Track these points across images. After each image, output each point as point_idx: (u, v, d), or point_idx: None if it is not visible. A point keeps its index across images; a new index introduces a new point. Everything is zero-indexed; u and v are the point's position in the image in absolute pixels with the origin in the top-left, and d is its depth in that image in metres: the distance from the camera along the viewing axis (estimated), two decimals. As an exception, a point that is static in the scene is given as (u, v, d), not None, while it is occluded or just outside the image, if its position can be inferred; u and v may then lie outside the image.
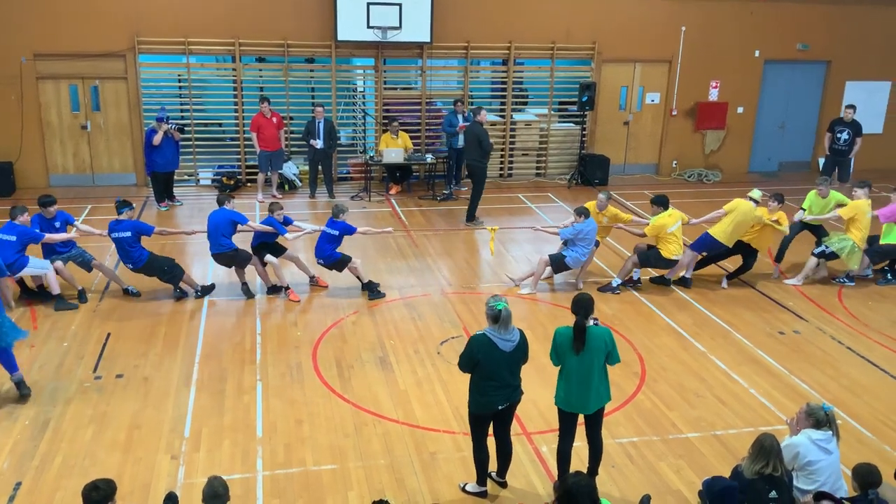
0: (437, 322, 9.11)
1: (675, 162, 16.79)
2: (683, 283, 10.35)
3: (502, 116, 16.03)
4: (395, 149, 14.13)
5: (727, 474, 5.72)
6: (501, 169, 16.16)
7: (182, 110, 14.85)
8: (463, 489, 6.01)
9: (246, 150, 14.92)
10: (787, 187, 15.53)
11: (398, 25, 14.29)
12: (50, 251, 9.45)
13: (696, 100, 16.47)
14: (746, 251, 10.34)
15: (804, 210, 10.86)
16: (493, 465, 6.04)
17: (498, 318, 5.56)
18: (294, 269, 10.10)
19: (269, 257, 9.68)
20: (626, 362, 8.10)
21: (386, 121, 15.00)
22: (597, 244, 10.25)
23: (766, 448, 5.16)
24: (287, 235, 9.63)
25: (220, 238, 9.48)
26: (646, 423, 7.05)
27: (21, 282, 9.43)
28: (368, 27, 14.25)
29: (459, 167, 15.06)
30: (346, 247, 10.09)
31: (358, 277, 9.84)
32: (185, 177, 14.89)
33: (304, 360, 8.11)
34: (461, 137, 14.48)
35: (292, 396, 7.36)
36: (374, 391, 7.50)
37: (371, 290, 9.78)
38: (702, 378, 7.92)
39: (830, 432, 5.65)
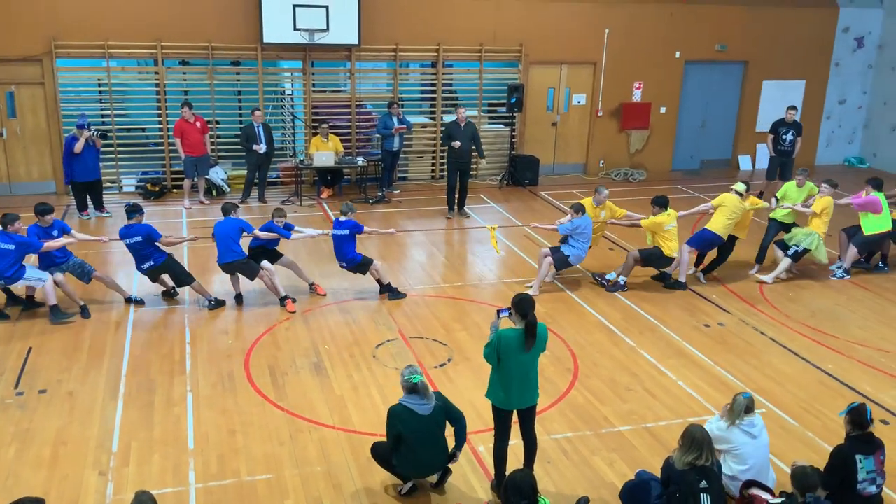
0: (372, 326, 9.08)
1: (602, 161, 17.12)
2: (679, 286, 10.43)
3: (432, 118, 16.07)
4: (325, 152, 14.02)
5: (658, 465, 5.86)
6: (433, 171, 16.21)
7: (103, 115, 14.41)
8: (400, 493, 6.00)
9: (171, 155, 14.58)
10: (709, 184, 16.08)
11: (325, 28, 14.19)
12: (48, 261, 9.10)
13: (621, 100, 16.83)
14: (726, 243, 10.66)
15: (777, 199, 11.25)
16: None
17: (415, 389, 5.69)
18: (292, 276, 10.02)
19: (265, 264, 9.53)
20: (559, 359, 8.24)
21: (315, 124, 14.87)
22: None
23: (697, 440, 5.30)
24: (290, 237, 9.65)
25: (233, 245, 9.28)
26: (579, 419, 7.18)
27: (7, 290, 9.14)
28: (295, 29, 14.09)
29: (393, 169, 15.05)
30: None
31: (378, 280, 9.83)
32: (108, 184, 14.44)
33: (236, 368, 7.97)
34: (396, 140, 14.50)
35: (224, 406, 7.23)
36: (310, 397, 7.42)
37: (391, 292, 9.79)
38: (632, 372, 8.10)
39: (754, 417, 5.85)
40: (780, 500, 5.35)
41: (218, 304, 9.44)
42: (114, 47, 13.82)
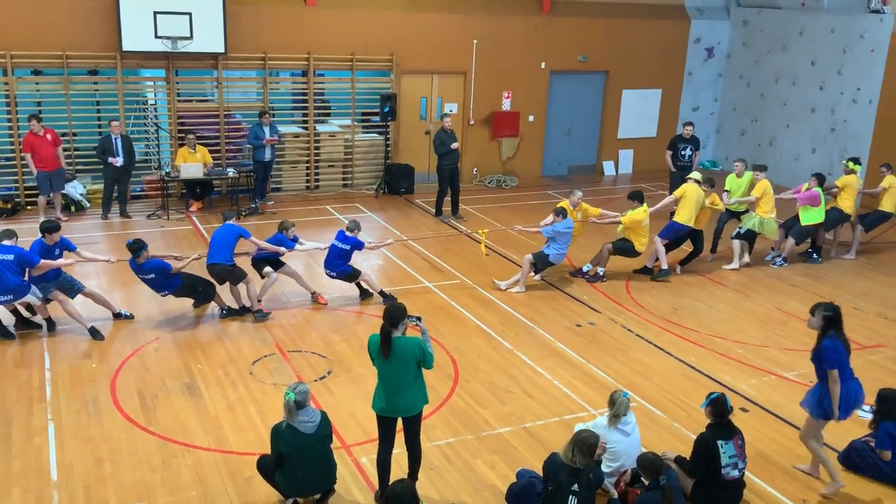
0: (248, 342, 8.84)
1: (475, 169, 17.41)
2: (664, 273, 11.26)
3: (305, 128, 15.87)
4: (193, 163, 13.56)
5: (539, 463, 6.00)
6: (308, 181, 15.99)
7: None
8: (282, 511, 5.89)
9: (23, 170, 13.68)
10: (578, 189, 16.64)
11: (189, 35, 13.73)
12: (39, 278, 8.66)
13: (492, 109, 17.19)
14: (693, 235, 11.45)
15: (728, 192, 12.11)
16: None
17: (287, 407, 5.65)
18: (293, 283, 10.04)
19: (267, 269, 9.66)
20: (439, 365, 8.28)
21: (181, 134, 14.36)
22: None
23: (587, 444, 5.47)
24: (294, 248, 9.68)
25: (224, 249, 9.24)
26: (461, 423, 7.26)
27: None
28: (156, 37, 13.57)
29: (266, 181, 14.73)
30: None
31: (370, 288, 10.04)
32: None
33: (101, 393, 7.56)
34: (268, 150, 14.20)
35: (90, 434, 6.84)
36: (182, 419, 7.14)
37: (384, 297, 9.96)
38: (510, 374, 8.27)
39: (628, 416, 6.09)
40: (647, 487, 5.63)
41: (231, 312, 9.41)
42: (-46, 55, 12.87)
